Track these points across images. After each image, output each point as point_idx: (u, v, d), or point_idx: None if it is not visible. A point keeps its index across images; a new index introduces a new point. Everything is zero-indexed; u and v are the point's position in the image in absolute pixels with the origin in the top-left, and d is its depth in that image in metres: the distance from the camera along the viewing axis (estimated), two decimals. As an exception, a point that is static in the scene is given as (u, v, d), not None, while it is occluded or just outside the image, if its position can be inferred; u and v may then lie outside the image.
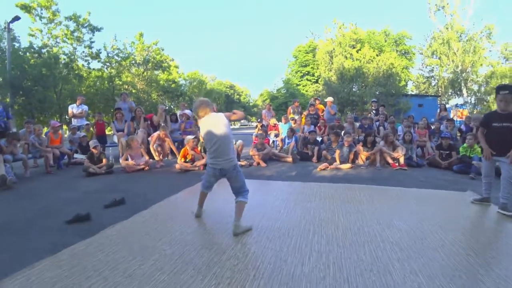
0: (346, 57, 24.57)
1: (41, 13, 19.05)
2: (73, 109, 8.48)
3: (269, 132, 8.96)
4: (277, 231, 2.51)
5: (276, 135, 9.05)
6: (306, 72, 32.76)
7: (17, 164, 5.92)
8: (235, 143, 6.76)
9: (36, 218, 3.09)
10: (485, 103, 27.40)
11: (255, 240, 2.31)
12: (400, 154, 6.24)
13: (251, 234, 2.44)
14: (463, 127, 8.38)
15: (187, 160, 5.93)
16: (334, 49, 25.65)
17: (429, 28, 43.87)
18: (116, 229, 2.59)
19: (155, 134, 6.80)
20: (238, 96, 51.14)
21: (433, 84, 31.68)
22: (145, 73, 26.42)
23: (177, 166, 5.79)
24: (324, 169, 5.94)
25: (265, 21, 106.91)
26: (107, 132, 8.74)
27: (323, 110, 9.75)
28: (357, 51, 24.51)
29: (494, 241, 2.43)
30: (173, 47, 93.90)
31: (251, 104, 54.10)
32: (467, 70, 27.31)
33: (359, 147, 6.64)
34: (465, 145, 6.14)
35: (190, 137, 6.12)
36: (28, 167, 5.85)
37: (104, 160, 5.88)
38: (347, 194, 3.86)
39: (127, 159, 5.95)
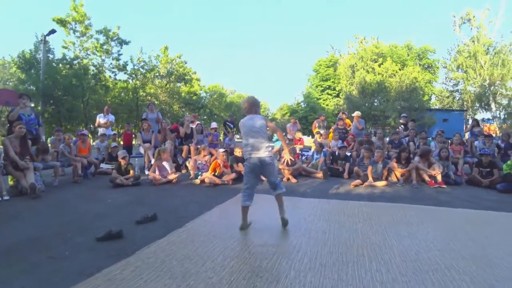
0: (368, 71, 24.21)
1: (75, 27, 20.11)
2: (100, 118, 8.62)
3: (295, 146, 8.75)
4: (329, 256, 2.28)
5: (301, 150, 8.82)
6: (327, 86, 32.46)
7: (45, 172, 5.95)
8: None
9: (65, 233, 2.92)
10: (515, 117, 26.15)
11: (309, 267, 2.08)
12: (437, 171, 5.87)
13: (303, 259, 2.21)
14: (500, 143, 7.83)
15: (216, 174, 5.78)
16: (355, 63, 25.41)
17: (453, 42, 42.83)
18: (152, 250, 2.40)
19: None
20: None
21: (457, 98, 30.69)
22: (168, 85, 27.09)
23: (206, 180, 5.61)
24: (357, 186, 5.65)
25: (286, 35, 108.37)
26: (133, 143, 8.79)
27: (349, 125, 9.46)
28: (379, 65, 24.14)
29: None
30: (195, 60, 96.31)
31: (269, 117, 54.21)
32: (495, 84, 26.30)
33: (393, 163, 6.30)
34: (509, 162, 5.74)
35: (221, 150, 5.98)
36: (57, 175, 5.89)
37: (131, 172, 5.83)
38: (391, 214, 3.58)
39: (154, 171, 5.88)
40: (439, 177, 5.82)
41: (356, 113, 9.25)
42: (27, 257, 2.36)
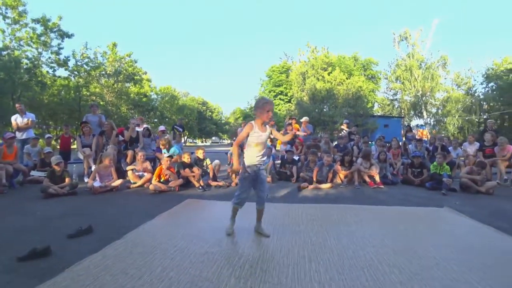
0: (318, 79, 25.58)
1: (6, 13, 17.79)
2: (16, 120, 7.27)
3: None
4: (271, 260, 2.30)
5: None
6: (279, 92, 33.50)
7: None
8: (211, 163, 6.49)
9: (-22, 253, 2.50)
10: (442, 124, 29.83)
11: (250, 273, 2.08)
12: (375, 172, 6.39)
13: (244, 266, 2.20)
14: (428, 146, 8.84)
15: (161, 180, 5.51)
16: (307, 71, 26.67)
17: (393, 56, 47.50)
18: (84, 267, 2.17)
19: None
20: (210, 113, 50.61)
21: (396, 106, 34.10)
22: (115, 85, 25.37)
23: (151, 186, 5.31)
24: (303, 188, 5.87)
25: (239, 41, 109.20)
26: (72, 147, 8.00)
27: (298, 130, 9.80)
28: (328, 74, 25.65)
29: (481, 256, 2.50)
30: (147, 60, 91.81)
31: (223, 121, 53.80)
32: (426, 95, 29.88)
33: (338, 166, 6.69)
34: (435, 163, 6.50)
35: (165, 155, 5.72)
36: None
37: (67, 179, 5.26)
38: (333, 214, 3.78)
39: (94, 179, 5.42)
40: (377, 178, 6.35)
41: (304, 119, 9.64)
42: None
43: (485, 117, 25.33)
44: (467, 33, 61.25)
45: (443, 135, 18.57)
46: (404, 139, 11.14)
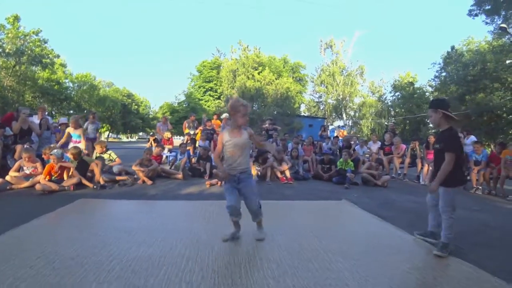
0: (248, 77, 26.18)
1: None
2: None
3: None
4: (147, 260, 2.20)
5: (170, 150, 8.59)
6: (209, 88, 33.17)
7: None
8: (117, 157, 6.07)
9: None
10: (358, 125, 33.74)
11: (118, 275, 1.95)
12: (285, 167, 6.79)
13: (114, 268, 2.06)
14: (341, 144, 9.86)
15: (52, 178, 4.85)
16: (237, 68, 27.05)
17: (319, 62, 51.63)
18: None
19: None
20: (136, 107, 46.37)
21: (321, 108, 37.23)
22: (17, 67, 21.50)
23: (38, 186, 4.57)
24: (213, 185, 5.85)
25: (171, 31, 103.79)
26: None
27: (219, 126, 9.85)
28: (258, 73, 26.46)
29: (359, 244, 2.75)
30: (61, 41, 79.62)
31: (150, 116, 49.91)
32: (346, 99, 33.46)
33: (250, 163, 6.90)
34: (341, 159, 7.22)
35: (56, 151, 4.94)
36: None
37: None
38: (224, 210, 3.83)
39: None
40: (287, 174, 6.75)
41: (225, 115, 9.71)
42: None
43: (393, 120, 29.43)
44: (382, 47, 70.86)
45: (353, 135, 20.95)
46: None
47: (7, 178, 4.79)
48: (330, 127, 29.30)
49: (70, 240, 2.58)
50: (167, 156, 8.31)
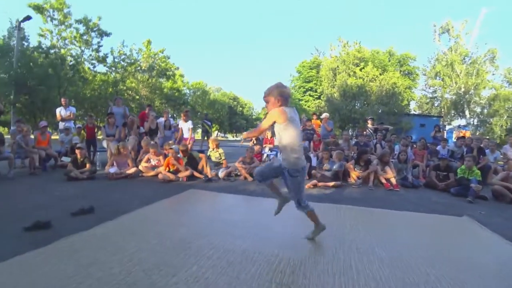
0: (349, 75, 24.69)
1: (53, 15, 19.55)
2: (60, 112, 8.20)
3: (264, 146, 8.81)
4: (241, 254, 2.29)
5: (271, 149, 8.89)
6: (309, 88, 32.88)
7: (3, 164, 5.80)
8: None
9: (-1, 222, 2.92)
10: (487, 125, 27.33)
11: (214, 264, 2.10)
12: (390, 174, 6.04)
13: (212, 255, 2.24)
14: (463, 148, 8.16)
15: (170, 170, 5.74)
16: (338, 66, 25.84)
17: (433, 50, 44.30)
18: (72, 240, 2.40)
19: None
20: (241, 109, 51.32)
21: (436, 104, 31.81)
22: (149, 80, 26.65)
23: (160, 175, 5.59)
24: (312, 187, 5.70)
25: (271, 36, 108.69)
26: (98, 137, 8.59)
27: (319, 126, 9.61)
28: (360, 69, 24.65)
29: (487, 277, 2.15)
30: (179, 56, 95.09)
31: (254, 117, 54.19)
32: (469, 92, 27.41)
33: (349, 165, 6.45)
34: (463, 166, 5.89)
35: (174, 147, 5.90)
36: (12, 167, 5.72)
37: (87, 165, 5.73)
38: (330, 215, 3.61)
39: (112, 165, 5.81)
40: (393, 180, 6.00)
41: (325, 115, 9.43)
42: None
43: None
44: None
45: (480, 136, 17.06)
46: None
47: (140, 167, 6.06)
48: (447, 127, 24.76)
49: (179, 224, 2.96)
50: (267, 155, 8.65)
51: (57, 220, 2.91)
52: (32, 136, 6.73)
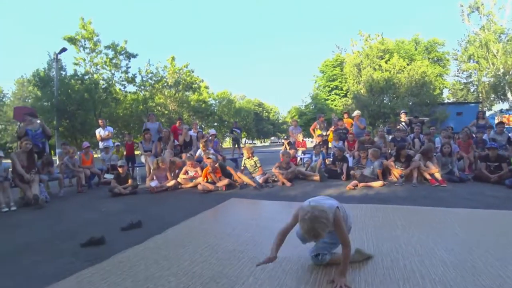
0: (374, 69, 23.83)
1: (85, 44, 20.97)
2: (100, 132, 8.68)
3: (297, 149, 8.73)
4: (296, 262, 2.22)
5: (304, 152, 8.78)
6: (334, 87, 32.20)
7: (53, 183, 6.29)
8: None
9: (54, 239, 3.12)
10: (535, 107, 24.93)
11: (270, 275, 2.04)
12: (434, 169, 5.66)
13: (267, 266, 2.10)
14: (507, 134, 7.48)
15: (208, 180, 5.84)
16: (361, 61, 25.06)
17: (462, 32, 41.66)
18: (126, 256, 2.48)
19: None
20: (267, 114, 51.58)
21: (472, 90, 29.67)
22: (176, 95, 27.61)
23: (199, 187, 5.71)
24: (353, 188, 5.50)
25: (291, 38, 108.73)
26: (136, 153, 8.98)
27: (351, 124, 9.33)
28: (386, 62, 23.72)
29: None
30: (203, 68, 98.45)
31: (280, 121, 54.19)
32: (510, 72, 25.18)
33: (390, 162, 6.15)
34: (518, 155, 5.41)
35: (212, 157, 5.98)
36: (62, 186, 6.14)
37: (129, 181, 5.99)
38: (378, 216, 3.46)
39: (152, 180, 6.01)
40: (437, 175, 5.63)
41: (357, 112, 9.15)
42: (17, 261, 2.57)
43: None
44: None
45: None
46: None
47: (178, 179, 6.24)
48: (488, 113, 22.93)
49: (226, 234, 2.95)
50: (301, 158, 8.55)
51: (108, 235, 3.03)
52: (76, 157, 7.16)
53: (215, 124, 34.05)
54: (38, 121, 6.59)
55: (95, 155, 13.67)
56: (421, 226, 3.05)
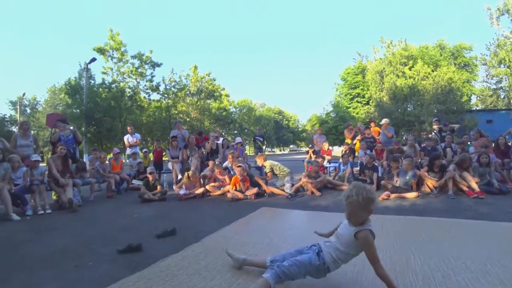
0: (397, 76, 23.30)
1: (113, 54, 21.96)
2: (128, 139, 8.90)
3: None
4: (343, 275, 2.14)
5: (329, 161, 8.62)
6: (356, 94, 31.75)
7: (84, 188, 6.50)
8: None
9: (91, 244, 3.17)
10: None
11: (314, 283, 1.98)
12: (471, 179, 5.38)
13: (310, 278, 1.99)
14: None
15: (237, 188, 5.83)
16: (384, 68, 24.57)
17: (491, 36, 40.01)
18: (166, 264, 2.46)
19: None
20: (286, 122, 51.56)
21: (502, 96, 28.24)
22: (198, 103, 28.19)
23: (229, 195, 5.73)
24: (386, 199, 5.33)
25: (311, 46, 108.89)
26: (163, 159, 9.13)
27: (378, 133, 9.09)
28: (409, 69, 23.13)
29: None
30: (224, 77, 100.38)
31: (300, 129, 53.92)
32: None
33: (424, 172, 5.90)
34: None
35: (241, 165, 5.96)
36: (93, 191, 6.34)
37: (158, 187, 6.09)
38: (419, 229, 3.30)
39: (181, 187, 6.08)
40: (474, 186, 5.33)
41: (385, 120, 8.92)
42: (58, 264, 2.61)
43: None
44: None
45: None
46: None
47: (207, 187, 6.28)
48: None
49: (265, 244, 2.91)
50: (327, 167, 8.40)
51: (144, 241, 3.04)
52: (107, 162, 7.39)
53: (235, 131, 34.42)
54: (71, 128, 6.88)
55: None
56: (468, 240, 2.89)
